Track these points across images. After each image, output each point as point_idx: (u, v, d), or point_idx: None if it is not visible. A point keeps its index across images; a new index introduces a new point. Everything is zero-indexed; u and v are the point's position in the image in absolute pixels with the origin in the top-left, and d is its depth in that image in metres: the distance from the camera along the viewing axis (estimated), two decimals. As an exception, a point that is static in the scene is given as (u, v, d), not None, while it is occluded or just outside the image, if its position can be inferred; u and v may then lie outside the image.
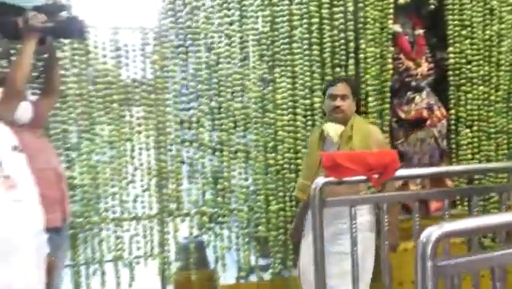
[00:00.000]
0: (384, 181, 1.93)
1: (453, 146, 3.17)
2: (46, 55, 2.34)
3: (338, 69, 2.92)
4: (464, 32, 3.12)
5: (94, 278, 2.72)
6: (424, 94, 3.05)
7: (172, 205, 2.82)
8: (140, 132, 2.76)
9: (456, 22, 3.11)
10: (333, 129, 2.34)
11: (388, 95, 3.00)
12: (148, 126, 2.77)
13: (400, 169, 1.93)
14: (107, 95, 2.68)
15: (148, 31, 2.77)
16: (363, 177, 1.88)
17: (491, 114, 3.20)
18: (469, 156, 3.15)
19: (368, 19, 2.94)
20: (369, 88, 2.95)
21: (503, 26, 3.18)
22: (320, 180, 1.87)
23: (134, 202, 2.76)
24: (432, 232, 1.08)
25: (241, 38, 2.86)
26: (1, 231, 1.41)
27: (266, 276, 2.94)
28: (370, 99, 2.96)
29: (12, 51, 2.40)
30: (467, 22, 3.12)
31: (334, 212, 2.11)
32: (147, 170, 2.78)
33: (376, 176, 1.90)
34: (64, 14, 2.26)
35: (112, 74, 2.68)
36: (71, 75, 2.60)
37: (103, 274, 2.72)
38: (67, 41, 2.54)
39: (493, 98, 3.20)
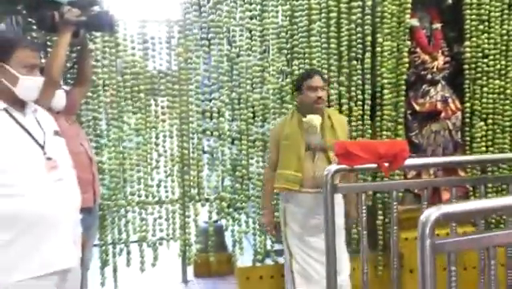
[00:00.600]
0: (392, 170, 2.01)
1: (467, 139, 3.21)
2: (79, 47, 2.48)
3: (354, 62, 2.99)
4: (481, 27, 3.14)
5: (120, 257, 2.88)
6: (439, 87, 3.09)
7: (194, 191, 2.95)
8: (164, 121, 2.89)
9: (473, 16, 3.13)
10: (316, 120, 2.42)
11: (404, 87, 3.05)
12: (171, 115, 2.90)
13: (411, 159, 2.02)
14: (134, 85, 2.82)
15: (173, 24, 2.89)
16: (373, 165, 1.96)
17: (507, 107, 3.22)
18: (483, 149, 3.18)
19: (386, 14, 2.99)
20: (385, 81, 3.01)
21: (521, 20, 3.17)
22: (332, 167, 1.97)
23: (158, 187, 2.91)
24: (432, 213, 1.17)
25: (261, 31, 2.95)
26: (44, 207, 1.57)
27: (281, 260, 3.05)
28: (385, 91, 3.02)
29: (48, 43, 2.55)
30: (485, 17, 3.14)
31: (319, 201, 2.22)
32: (170, 157, 2.91)
33: (387, 164, 1.98)
34: (96, 8, 2.40)
35: (139, 65, 2.81)
36: (102, 66, 2.74)
37: (128, 253, 2.88)
38: (98, 34, 2.67)
39: (509, 92, 3.22)
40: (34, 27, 2.56)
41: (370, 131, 3.04)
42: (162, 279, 3.13)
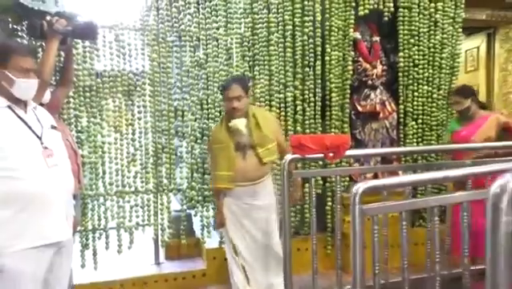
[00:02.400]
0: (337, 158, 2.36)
1: (402, 136, 3.66)
2: (63, 53, 2.67)
3: (307, 69, 3.36)
4: (412, 40, 3.59)
5: (99, 241, 3.08)
6: (378, 91, 3.52)
7: (166, 182, 3.19)
8: (139, 119, 3.12)
9: (406, 31, 3.57)
10: (240, 124, 2.58)
11: (348, 91, 3.46)
12: (146, 114, 3.13)
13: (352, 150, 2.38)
14: (112, 86, 3.03)
15: (148, 33, 3.12)
16: (320, 155, 2.30)
17: (433, 109, 3.68)
18: (415, 145, 3.63)
19: (333, 27, 3.38)
20: (333, 86, 3.41)
21: (445, 35, 3.65)
22: (288, 156, 2.30)
23: (134, 178, 3.12)
24: (361, 186, 1.51)
25: (226, 40, 3.24)
26: (40, 188, 1.79)
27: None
28: (333, 94, 3.41)
29: (38, 49, 2.72)
30: (415, 32, 3.58)
31: (250, 192, 2.60)
32: (145, 151, 3.14)
33: (331, 154, 2.33)
34: (80, 18, 2.60)
35: (117, 68, 3.03)
36: (83, 68, 2.93)
37: (107, 237, 3.09)
38: (79, 40, 2.87)
39: (435, 96, 3.68)
40: (20, 34, 2.73)
41: (321, 128, 3.42)
42: (137, 261, 3.35)
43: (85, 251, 3.06)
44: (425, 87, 3.65)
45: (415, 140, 3.67)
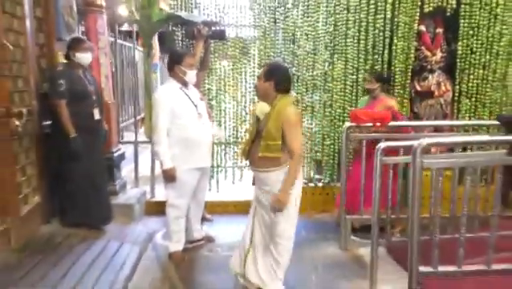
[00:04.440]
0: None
1: (456, 112, 4.28)
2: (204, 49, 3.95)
3: (376, 56, 4.17)
4: (471, 32, 4.17)
5: (220, 174, 4.41)
6: (435, 74, 4.19)
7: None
8: (250, 92, 4.29)
9: (466, 24, 4.14)
10: (260, 109, 2.62)
11: (409, 74, 4.19)
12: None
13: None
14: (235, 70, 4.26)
15: (258, 29, 4.21)
16: (370, 124, 3.24)
17: (487, 90, 4.24)
18: (467, 119, 4.24)
19: (400, 23, 4.12)
20: (397, 69, 4.18)
21: (504, 26, 4.13)
22: (346, 124, 3.27)
23: (245, 132, 4.35)
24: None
25: (314, 35, 4.19)
26: (197, 135, 3.04)
27: (319, 184, 4.43)
28: (396, 76, 4.19)
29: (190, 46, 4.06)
30: (474, 25, 4.13)
31: (257, 176, 2.62)
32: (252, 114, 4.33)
33: (378, 124, 3.25)
34: (216, 26, 3.82)
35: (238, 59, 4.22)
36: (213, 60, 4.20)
37: (226, 172, 4.41)
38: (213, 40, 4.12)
39: (490, 78, 4.23)
40: (177, 35, 4.06)
41: (385, 103, 4.23)
42: (244, 189, 4.63)
43: (211, 180, 4.43)
44: (481, 71, 4.22)
45: (467, 116, 4.27)
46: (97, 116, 3.35)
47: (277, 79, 2.53)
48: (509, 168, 2.26)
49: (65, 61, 3.39)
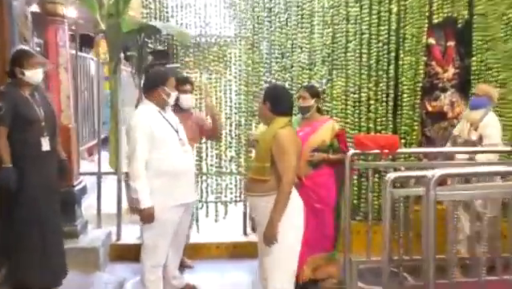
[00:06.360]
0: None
1: (472, 134, 4.62)
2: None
3: (381, 72, 4.50)
4: (485, 46, 4.55)
5: (201, 210, 4.59)
6: (448, 93, 4.54)
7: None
8: (236, 114, 4.53)
9: (479, 37, 4.52)
10: (259, 129, 3.19)
11: (419, 92, 4.54)
12: (241, 109, 4.54)
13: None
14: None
15: (243, 42, 4.50)
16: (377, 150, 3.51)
17: (506, 110, 4.57)
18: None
19: (407, 35, 4.49)
20: (404, 87, 4.53)
21: (524, 39, 4.53)
22: (350, 152, 3.52)
23: (230, 162, 4.58)
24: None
25: (309, 48, 4.50)
26: (180, 165, 3.23)
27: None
28: (404, 95, 4.55)
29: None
30: (489, 37, 4.51)
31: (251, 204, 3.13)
32: (238, 140, 4.56)
33: (386, 151, 3.52)
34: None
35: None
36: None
37: (207, 208, 4.59)
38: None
39: (510, 98, 4.57)
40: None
41: (392, 126, 4.56)
42: (230, 229, 4.80)
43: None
44: (498, 89, 4.56)
45: (486, 140, 4.61)
46: (46, 146, 3.29)
47: (272, 101, 2.89)
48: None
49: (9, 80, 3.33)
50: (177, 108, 3.83)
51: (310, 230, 3.21)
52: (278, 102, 2.89)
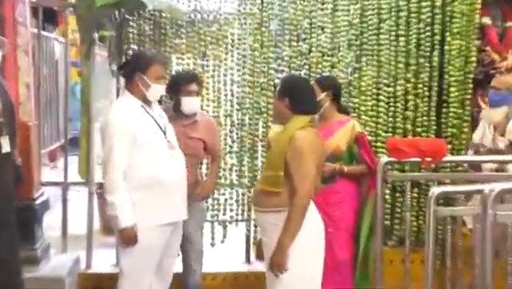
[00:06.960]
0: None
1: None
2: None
3: (422, 60, 4.41)
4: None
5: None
6: (508, 87, 4.46)
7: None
8: (238, 110, 4.50)
9: (548, 16, 4.46)
10: (273, 131, 3.19)
11: (471, 86, 4.44)
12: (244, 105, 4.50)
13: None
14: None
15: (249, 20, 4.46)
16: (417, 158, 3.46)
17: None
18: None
19: (455, 13, 4.39)
20: (452, 79, 4.42)
21: None
22: (384, 159, 3.48)
23: (230, 171, 4.52)
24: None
25: (332, 29, 4.46)
26: (168, 174, 3.18)
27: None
28: (452, 89, 4.43)
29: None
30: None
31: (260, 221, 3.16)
32: (241, 144, 4.51)
33: (429, 159, 3.48)
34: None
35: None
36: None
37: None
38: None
39: None
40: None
41: (435, 128, 4.45)
42: (229, 256, 4.74)
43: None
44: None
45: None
46: (6, 147, 3.21)
47: (293, 96, 2.91)
48: None
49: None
50: (179, 114, 3.70)
51: None
52: (299, 97, 2.92)
